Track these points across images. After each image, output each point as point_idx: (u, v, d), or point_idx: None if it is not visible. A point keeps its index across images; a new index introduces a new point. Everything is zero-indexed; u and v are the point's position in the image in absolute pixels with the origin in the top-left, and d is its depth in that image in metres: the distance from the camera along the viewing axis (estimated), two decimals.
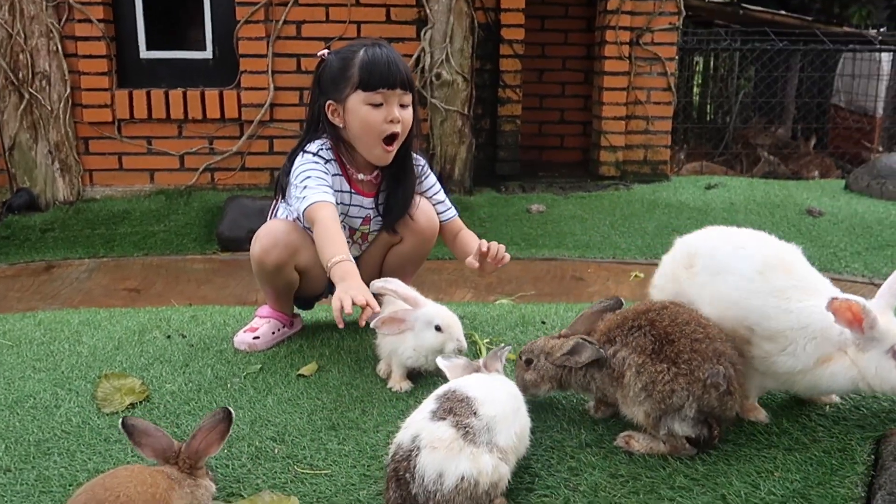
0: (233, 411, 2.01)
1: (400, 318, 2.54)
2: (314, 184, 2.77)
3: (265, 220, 3.14)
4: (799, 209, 6.71)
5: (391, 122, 2.81)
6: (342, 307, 2.37)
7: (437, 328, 2.52)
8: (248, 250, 2.98)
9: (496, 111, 7.41)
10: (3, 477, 2.26)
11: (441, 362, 2.23)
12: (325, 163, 2.87)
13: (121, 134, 6.65)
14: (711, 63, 11.46)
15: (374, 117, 2.81)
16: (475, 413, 1.88)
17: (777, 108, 10.19)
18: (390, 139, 2.85)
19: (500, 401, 1.96)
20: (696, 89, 11.47)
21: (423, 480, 1.78)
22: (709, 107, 11.52)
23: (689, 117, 10.31)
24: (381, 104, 2.81)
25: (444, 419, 1.86)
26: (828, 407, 2.10)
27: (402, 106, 2.84)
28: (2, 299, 5.16)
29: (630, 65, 7.26)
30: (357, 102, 2.82)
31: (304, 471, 2.16)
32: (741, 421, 2.11)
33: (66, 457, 2.33)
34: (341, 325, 2.40)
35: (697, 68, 11.32)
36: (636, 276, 5.60)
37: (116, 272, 5.72)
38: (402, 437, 1.89)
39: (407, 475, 1.80)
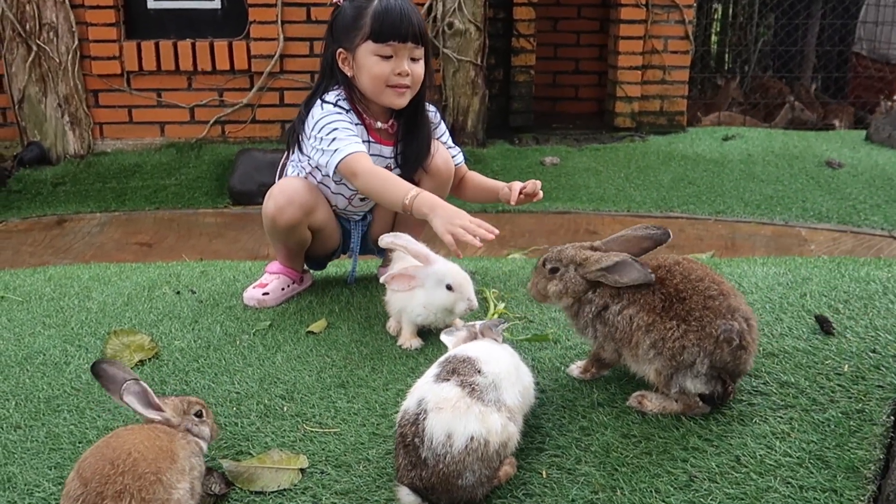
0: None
1: (410, 274, 2.50)
2: (344, 135, 2.72)
3: (276, 174, 3.10)
4: (818, 161, 6.58)
5: (399, 74, 2.75)
6: (456, 240, 2.41)
7: (449, 287, 2.48)
8: (260, 203, 2.94)
9: (510, 61, 7.27)
10: (14, 434, 2.26)
11: (444, 338, 2.16)
12: (346, 112, 2.82)
13: (130, 86, 6.58)
14: (730, 11, 11.20)
15: (382, 69, 2.75)
16: (479, 371, 1.86)
17: (797, 57, 9.96)
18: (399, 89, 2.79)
19: (502, 359, 1.95)
20: (714, 38, 11.23)
21: (432, 443, 1.74)
22: (727, 56, 11.29)
23: (706, 66, 10.11)
24: (391, 56, 2.74)
25: (448, 380, 1.83)
26: (846, 366, 2.04)
27: (414, 59, 2.78)
28: (14, 254, 5.15)
29: (647, 12, 7.07)
30: (366, 53, 2.75)
31: (314, 429, 2.14)
32: (757, 380, 2.07)
33: (76, 414, 2.33)
34: (460, 256, 2.50)
35: (716, 16, 11.07)
36: None
37: (128, 226, 5.70)
38: (408, 402, 1.86)
39: (416, 440, 1.76)
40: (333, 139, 2.70)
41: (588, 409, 2.06)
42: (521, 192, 2.88)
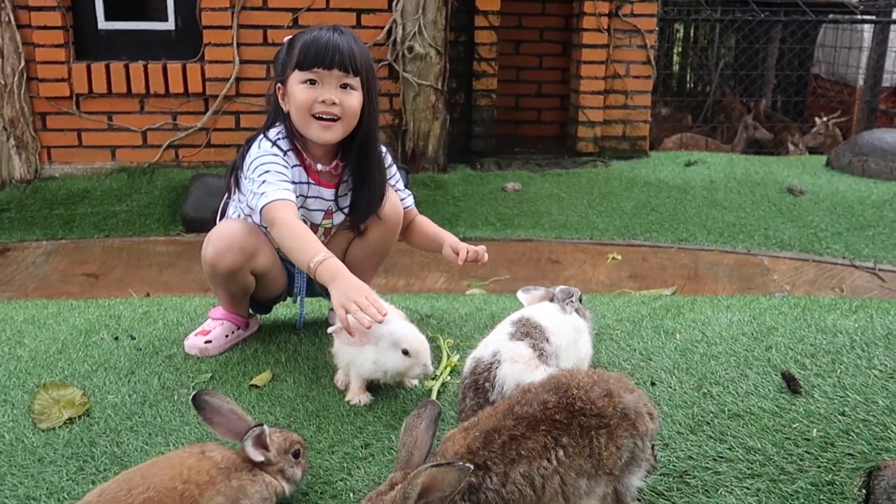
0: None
1: (363, 331, 2.35)
2: (274, 178, 2.57)
3: (217, 213, 2.96)
4: (780, 187, 6.57)
5: (323, 102, 2.61)
6: (348, 316, 2.27)
7: (405, 352, 2.33)
8: (205, 241, 2.77)
9: (471, 85, 7.18)
10: None
11: (521, 295, 2.45)
12: (284, 154, 2.67)
13: (79, 109, 6.36)
14: (692, 33, 11.26)
15: (305, 95, 2.61)
16: (547, 339, 2.14)
17: (758, 80, 10.02)
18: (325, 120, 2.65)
19: (565, 333, 2.20)
20: (675, 58, 11.27)
21: (503, 389, 1.98)
22: (688, 77, 11.33)
23: (668, 88, 10.13)
24: (316, 82, 2.61)
25: (522, 340, 2.11)
26: (815, 430, 1.94)
27: (346, 87, 2.63)
28: None
29: (609, 37, 7.04)
30: (294, 82, 2.63)
31: None
32: (722, 444, 1.96)
33: None
34: (353, 336, 2.34)
35: (678, 36, 11.12)
36: (613, 258, 5.46)
37: (75, 255, 5.49)
38: (483, 353, 2.11)
39: (486, 384, 2.02)
40: (263, 181, 2.55)
41: None
42: (465, 258, 2.73)
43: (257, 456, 1.84)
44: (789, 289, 4.88)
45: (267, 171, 2.59)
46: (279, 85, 2.71)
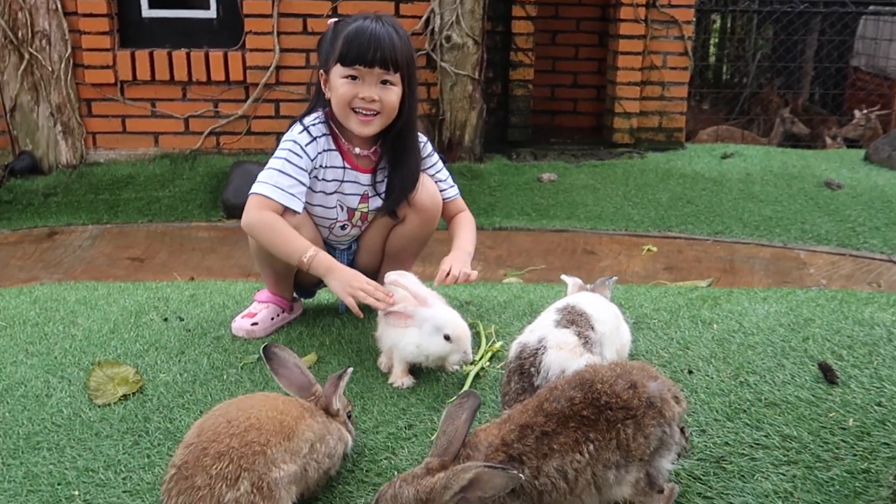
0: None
1: (408, 314, 2.43)
2: (284, 173, 2.69)
3: None
4: (817, 181, 6.53)
5: (363, 99, 2.68)
6: (356, 301, 2.49)
7: (447, 337, 2.40)
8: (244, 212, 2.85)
9: (508, 75, 7.21)
10: None
11: (565, 277, 2.60)
12: (312, 141, 2.74)
13: (124, 96, 6.50)
14: (729, 23, 11.16)
15: (346, 91, 2.68)
16: (592, 327, 2.19)
17: (795, 72, 9.93)
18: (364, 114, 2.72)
19: (608, 321, 2.26)
20: (712, 49, 11.18)
21: (547, 374, 2.04)
22: (725, 68, 11.25)
23: (704, 79, 10.07)
24: (357, 78, 2.67)
25: (568, 328, 2.16)
26: (851, 420, 1.98)
27: (385, 83, 2.69)
28: (3, 268, 5.07)
29: (646, 28, 7.02)
30: (336, 75, 2.70)
31: None
32: (759, 432, 2.00)
33: (56, 452, 2.26)
34: (362, 315, 2.55)
35: (715, 27, 11.03)
36: (649, 249, 5.48)
37: (120, 239, 5.63)
38: (528, 338, 2.17)
39: (532, 369, 2.06)
40: (271, 168, 2.69)
41: None
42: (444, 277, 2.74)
43: (336, 403, 2.01)
44: (825, 283, 4.87)
45: (283, 160, 2.70)
46: (322, 72, 2.78)
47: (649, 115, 7.27)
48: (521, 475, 1.61)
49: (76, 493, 2.10)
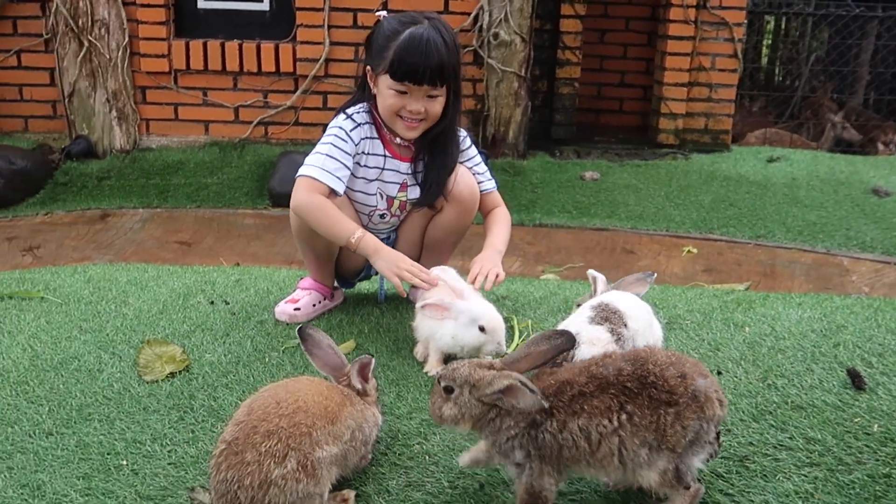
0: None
1: (445, 306, 2.51)
2: (330, 156, 2.79)
3: None
4: (865, 187, 6.47)
5: (411, 111, 2.77)
6: (402, 281, 2.64)
7: (482, 328, 2.47)
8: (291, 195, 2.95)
9: (554, 73, 7.24)
10: (46, 440, 2.32)
11: (592, 271, 2.60)
12: (356, 127, 2.84)
13: (177, 84, 6.68)
14: (783, 25, 11.02)
15: (394, 102, 2.77)
16: (625, 324, 2.24)
17: (849, 77, 9.78)
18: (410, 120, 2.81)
19: (641, 317, 2.32)
20: (765, 50, 11.05)
21: None
22: (777, 70, 11.10)
23: (755, 81, 9.95)
24: (405, 93, 2.75)
25: (602, 324, 2.22)
26: (876, 426, 2.01)
27: (431, 97, 2.77)
28: (58, 247, 5.27)
29: (695, 29, 7.00)
30: (384, 84, 2.78)
31: None
32: (784, 434, 2.04)
33: (106, 424, 2.38)
34: (405, 294, 2.74)
35: (768, 28, 10.89)
36: (689, 251, 5.49)
37: (169, 224, 5.80)
38: None
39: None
40: (317, 152, 2.81)
41: None
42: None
43: (358, 383, 2.08)
44: (868, 290, 4.84)
45: (329, 145, 2.81)
46: (369, 69, 2.86)
47: (695, 116, 7.25)
48: (544, 402, 1.75)
49: (124, 462, 2.21)
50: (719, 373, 2.35)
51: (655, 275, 2.66)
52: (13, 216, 5.92)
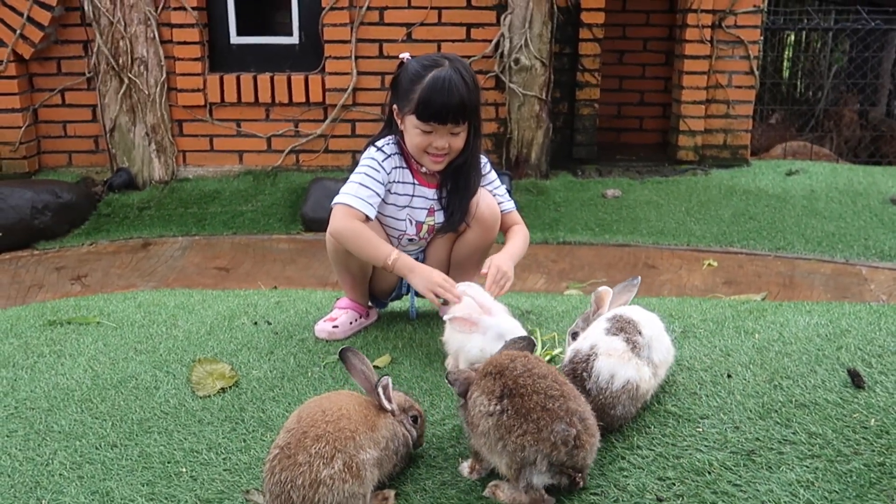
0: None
1: (473, 321, 2.70)
2: (362, 185, 3.02)
3: None
4: (883, 197, 6.58)
5: (437, 147, 3.01)
6: (437, 296, 2.88)
7: None
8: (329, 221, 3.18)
9: (574, 94, 7.45)
10: (111, 452, 2.53)
11: (599, 290, 2.72)
12: (387, 158, 3.08)
13: (212, 117, 6.98)
14: (803, 38, 11.13)
15: (420, 140, 3.02)
16: (640, 332, 2.36)
17: (869, 88, 9.88)
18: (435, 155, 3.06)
19: (654, 325, 2.44)
20: (786, 63, 11.16)
21: (598, 379, 2.26)
22: (798, 83, 11.21)
23: (777, 94, 10.07)
24: (430, 132, 2.99)
25: (617, 335, 2.34)
26: (873, 420, 2.18)
27: (454, 133, 3.01)
28: (104, 276, 5.55)
29: (712, 48, 7.18)
30: (411, 124, 3.02)
31: None
32: (788, 429, 2.21)
33: (165, 436, 2.59)
34: (439, 305, 2.98)
35: (789, 41, 11.01)
36: (709, 264, 5.64)
37: (207, 250, 6.06)
38: (581, 345, 2.36)
39: (584, 374, 2.27)
40: (351, 182, 3.03)
41: (626, 450, 2.24)
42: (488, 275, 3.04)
43: (385, 404, 2.24)
44: (885, 298, 4.96)
45: (363, 175, 3.04)
46: (395, 107, 3.09)
47: (714, 132, 7.42)
48: (456, 382, 2.17)
49: (183, 470, 2.42)
50: (729, 375, 2.52)
51: (640, 278, 2.81)
52: (60, 247, 6.22)
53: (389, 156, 3.10)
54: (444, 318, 2.82)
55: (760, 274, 5.48)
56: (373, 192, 3.03)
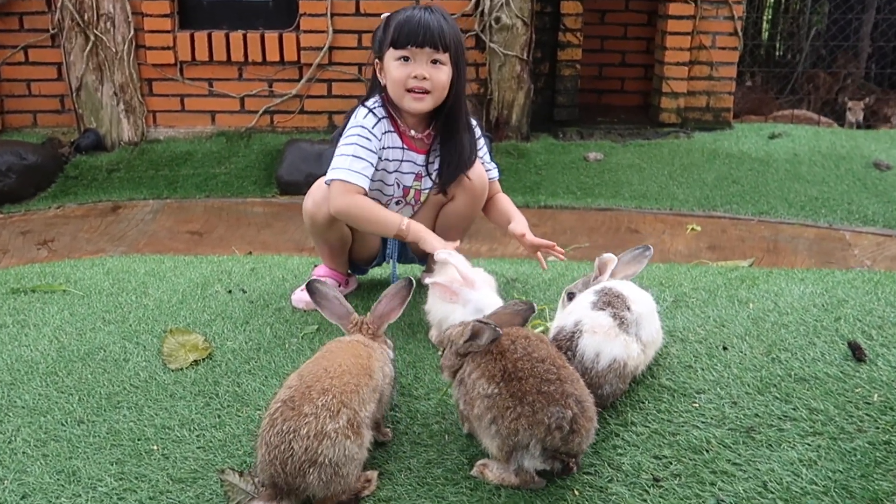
0: (413, 280, 2.41)
1: (454, 290, 2.59)
2: (355, 156, 2.86)
3: (323, 165, 3.19)
4: (866, 161, 6.53)
5: (415, 77, 2.84)
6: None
7: None
8: (306, 194, 3.05)
9: (556, 55, 7.29)
10: (78, 428, 2.41)
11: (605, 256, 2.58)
12: (378, 122, 2.92)
13: (183, 76, 6.74)
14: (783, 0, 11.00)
15: (399, 72, 2.85)
16: (629, 308, 2.23)
17: (850, 52, 9.79)
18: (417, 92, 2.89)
19: (645, 301, 2.31)
20: (765, 25, 11.04)
21: (583, 358, 2.14)
22: (777, 45, 11.10)
23: (756, 57, 9.97)
24: (409, 59, 2.84)
25: (604, 310, 2.21)
26: (876, 395, 2.10)
27: (435, 63, 2.85)
28: (72, 240, 5.36)
29: (696, 8, 7.03)
30: (390, 59, 2.87)
31: None
32: (788, 405, 2.13)
33: (135, 411, 2.47)
34: (425, 280, 2.77)
35: (768, 3, 10.88)
36: (693, 228, 5.56)
37: (179, 214, 5.88)
38: (565, 322, 2.23)
39: (568, 353, 2.14)
40: (342, 155, 2.87)
41: (620, 427, 2.15)
42: (544, 246, 3.05)
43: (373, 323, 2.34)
44: (870, 264, 4.92)
45: (355, 145, 2.87)
46: (377, 60, 2.95)
47: (697, 94, 7.30)
48: (499, 329, 1.99)
49: (154, 448, 2.31)
50: (725, 348, 2.44)
51: (652, 249, 2.65)
52: (26, 210, 6.01)
53: (380, 119, 2.94)
54: (425, 281, 2.71)
55: (744, 239, 5.41)
56: (367, 162, 2.88)
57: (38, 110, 6.87)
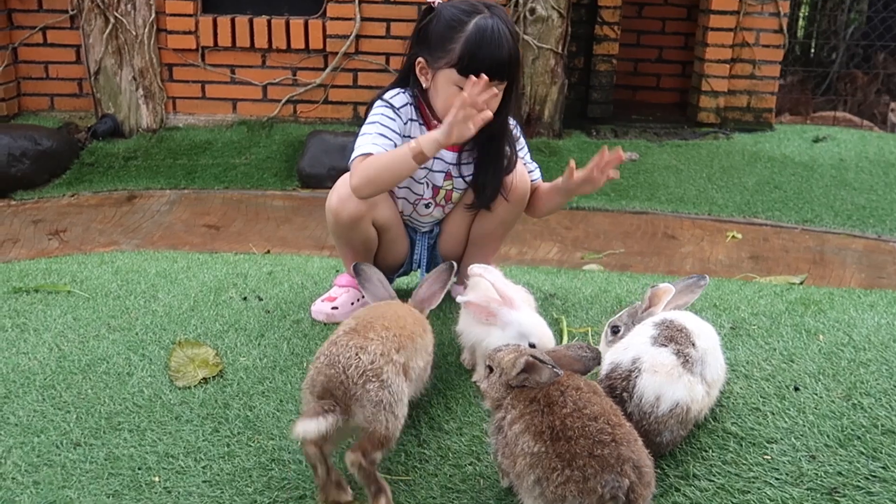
0: (455, 264, 2.48)
1: (491, 311, 2.33)
2: (376, 134, 2.60)
3: (346, 158, 2.94)
4: None
5: None
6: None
7: (532, 346, 2.28)
8: (329, 188, 2.79)
9: (591, 49, 6.99)
10: (73, 452, 2.21)
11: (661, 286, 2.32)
12: (400, 108, 2.66)
13: (204, 61, 6.51)
14: None
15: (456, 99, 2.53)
16: (693, 344, 1.99)
17: (886, 51, 9.41)
18: None
19: (709, 335, 2.07)
20: (801, 22, 10.69)
21: (641, 401, 1.91)
22: (813, 44, 10.74)
23: (791, 55, 9.61)
24: None
25: (666, 346, 1.97)
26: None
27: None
28: (84, 231, 5.16)
29: (740, 3, 6.71)
30: (447, 79, 2.57)
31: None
32: (876, 462, 1.85)
33: (137, 435, 2.26)
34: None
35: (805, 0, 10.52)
36: (733, 236, 5.29)
37: (197, 206, 5.66)
38: (622, 358, 1.99)
39: (624, 394, 1.93)
40: (365, 134, 2.61)
41: (681, 481, 1.89)
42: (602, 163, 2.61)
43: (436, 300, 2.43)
44: None
45: (376, 124, 2.62)
46: (421, 60, 2.66)
47: (737, 94, 6.98)
48: (559, 371, 1.79)
49: (156, 479, 2.09)
50: (797, 388, 2.16)
51: (708, 278, 2.41)
52: (39, 198, 5.81)
53: (402, 106, 2.68)
54: (458, 300, 2.45)
55: (788, 249, 5.12)
56: (391, 141, 2.60)
57: (56, 93, 6.67)
